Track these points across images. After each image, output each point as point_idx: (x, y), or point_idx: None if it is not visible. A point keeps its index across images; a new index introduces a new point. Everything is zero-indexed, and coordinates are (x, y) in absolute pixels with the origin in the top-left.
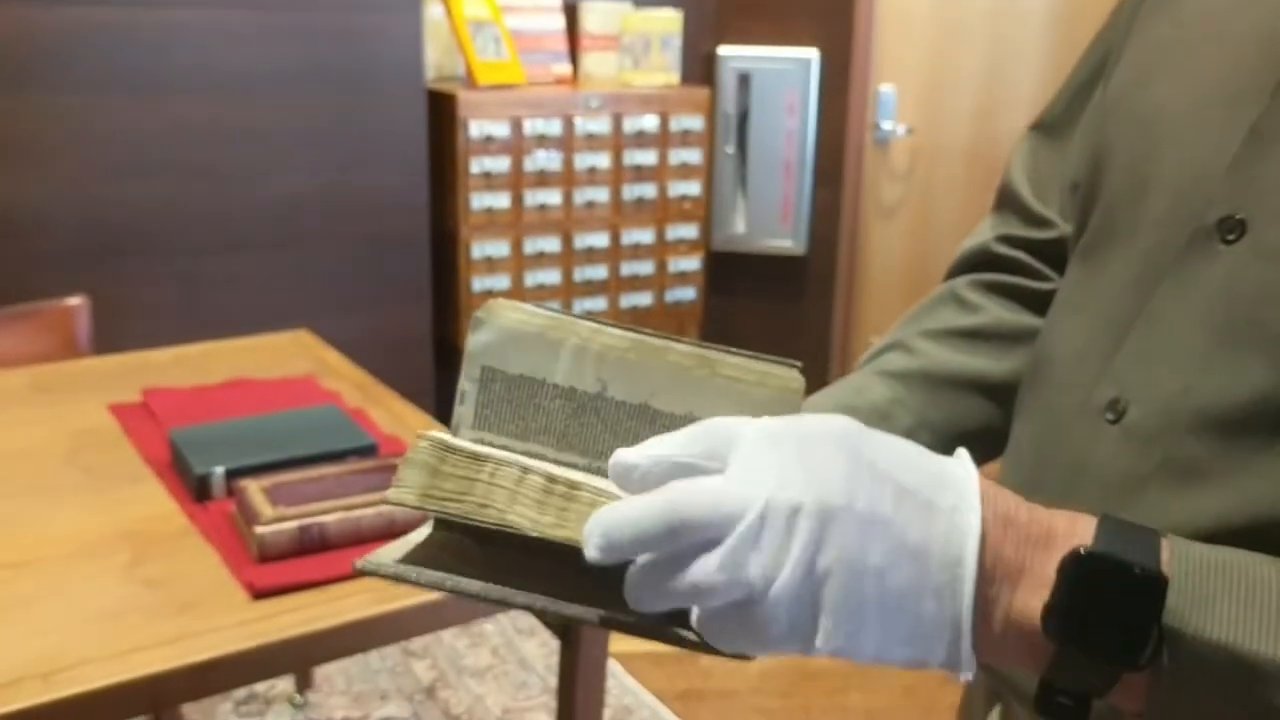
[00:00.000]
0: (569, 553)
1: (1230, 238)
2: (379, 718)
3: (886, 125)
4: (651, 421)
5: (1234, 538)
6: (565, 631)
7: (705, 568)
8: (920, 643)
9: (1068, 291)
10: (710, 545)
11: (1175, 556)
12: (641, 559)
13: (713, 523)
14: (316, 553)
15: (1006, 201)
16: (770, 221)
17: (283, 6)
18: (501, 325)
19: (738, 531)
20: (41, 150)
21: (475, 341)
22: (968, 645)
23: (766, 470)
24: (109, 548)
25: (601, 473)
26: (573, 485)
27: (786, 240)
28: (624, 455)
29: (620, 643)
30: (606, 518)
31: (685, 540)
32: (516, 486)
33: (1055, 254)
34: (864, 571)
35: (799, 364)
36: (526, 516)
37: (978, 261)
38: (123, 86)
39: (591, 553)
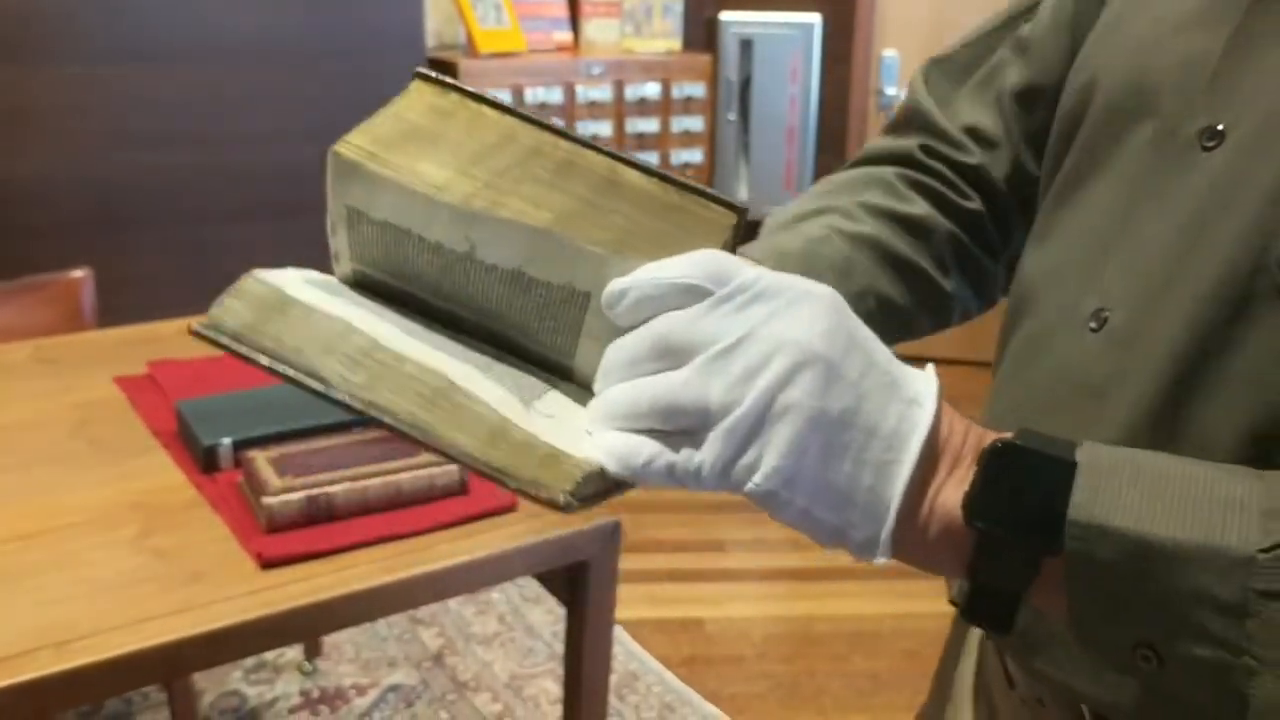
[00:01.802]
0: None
1: (1210, 145)
2: (387, 685)
3: (890, 91)
4: (527, 289)
5: (1215, 428)
6: (572, 599)
7: (669, 381)
8: (846, 511)
9: (1047, 225)
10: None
11: (1082, 453)
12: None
13: (695, 345)
14: (324, 523)
15: (916, 124)
16: (773, 188)
17: None
18: (361, 172)
19: (710, 351)
20: (43, 121)
21: (333, 179)
22: (889, 529)
23: (755, 306)
24: (118, 519)
25: (483, 328)
26: (400, 357)
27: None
28: (616, 283)
29: (626, 610)
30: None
31: (665, 363)
32: (336, 340)
33: (975, 179)
34: (819, 420)
35: (740, 204)
36: (336, 372)
37: (900, 161)
38: (125, 55)
39: (599, 383)
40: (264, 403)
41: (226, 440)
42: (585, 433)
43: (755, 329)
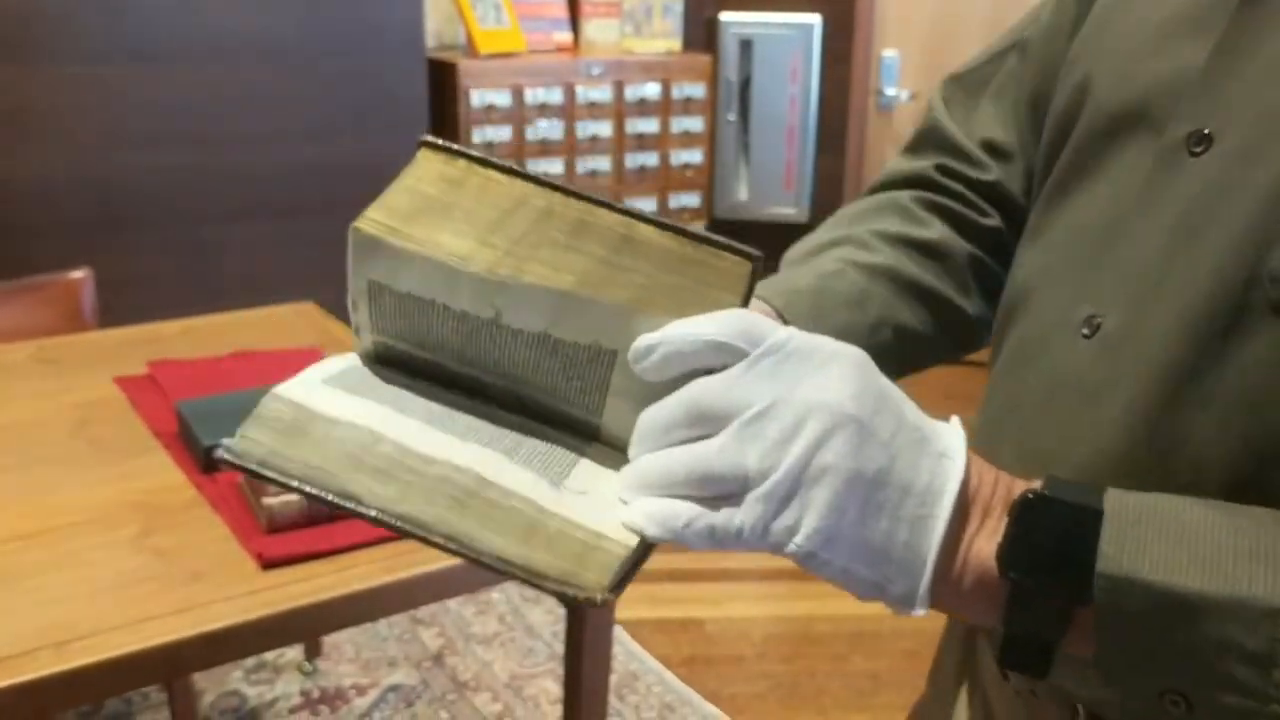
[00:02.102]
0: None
1: (1198, 150)
2: (387, 685)
3: (890, 91)
4: (553, 352)
5: (1209, 443)
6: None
7: (705, 450)
8: (884, 567)
9: (1039, 229)
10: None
11: (1108, 502)
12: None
13: (729, 411)
14: (324, 523)
15: (933, 142)
16: (773, 189)
17: None
18: (383, 247)
19: (745, 416)
20: (43, 121)
21: (355, 256)
22: (926, 582)
23: (785, 369)
24: (118, 519)
25: (508, 391)
26: (428, 459)
27: (789, 208)
28: (644, 339)
29: (626, 610)
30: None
31: (700, 430)
32: (363, 453)
33: (993, 195)
34: (855, 481)
35: (754, 253)
36: (367, 488)
37: (916, 184)
38: (125, 55)
39: (631, 449)
40: None
41: (227, 440)
42: (620, 501)
43: (787, 393)
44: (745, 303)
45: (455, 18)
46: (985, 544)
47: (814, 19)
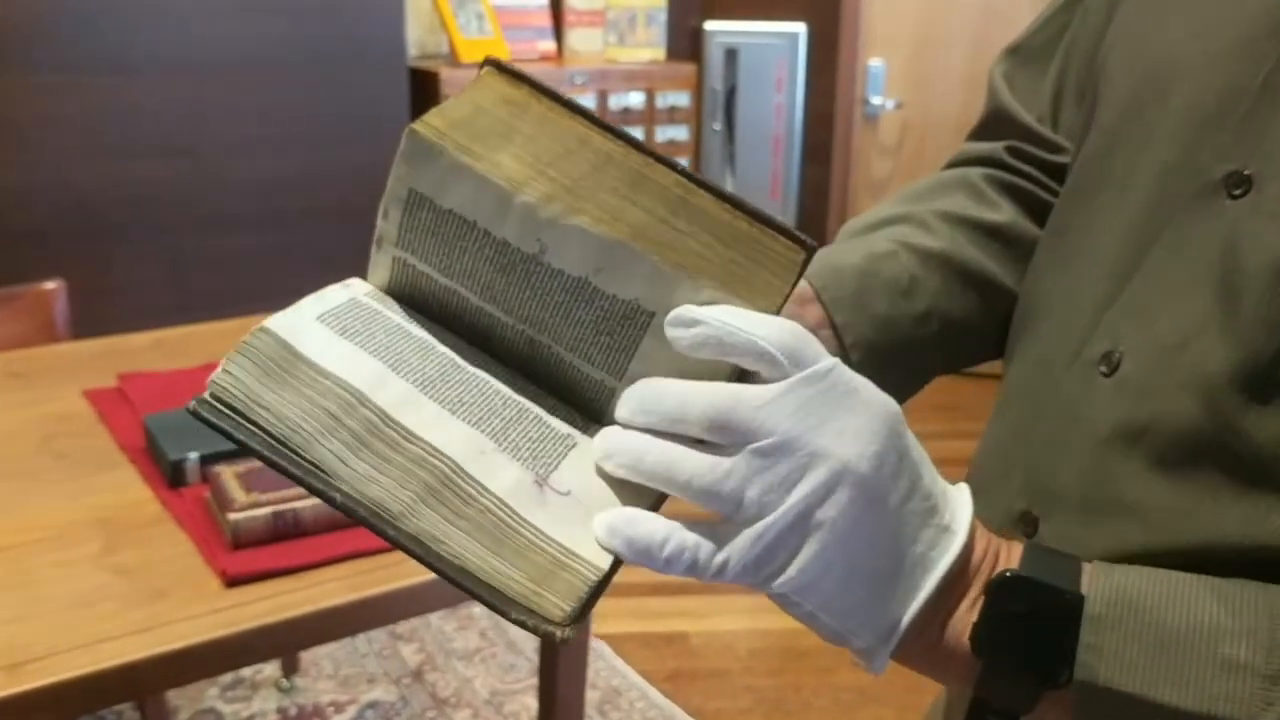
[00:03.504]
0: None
1: (1236, 193)
2: (366, 702)
3: (876, 100)
4: (589, 301)
5: (1225, 517)
6: None
7: (713, 469)
8: (854, 621)
9: (1057, 236)
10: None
11: (1089, 596)
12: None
13: (748, 435)
14: (291, 539)
15: (1001, 126)
16: (759, 198)
17: None
18: (439, 156)
19: (759, 445)
20: (17, 130)
21: (406, 160)
22: (891, 647)
23: (816, 406)
24: (81, 535)
25: (522, 341)
26: (408, 435)
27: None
28: (689, 310)
29: (609, 624)
30: (658, 381)
31: (711, 437)
32: (343, 415)
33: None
34: (848, 543)
35: (811, 243)
36: (335, 459)
37: (987, 163)
38: (100, 65)
39: (624, 412)
40: None
41: (193, 455)
42: (600, 508)
43: (808, 433)
44: (792, 291)
45: (438, 27)
46: (964, 617)
47: (799, 28)
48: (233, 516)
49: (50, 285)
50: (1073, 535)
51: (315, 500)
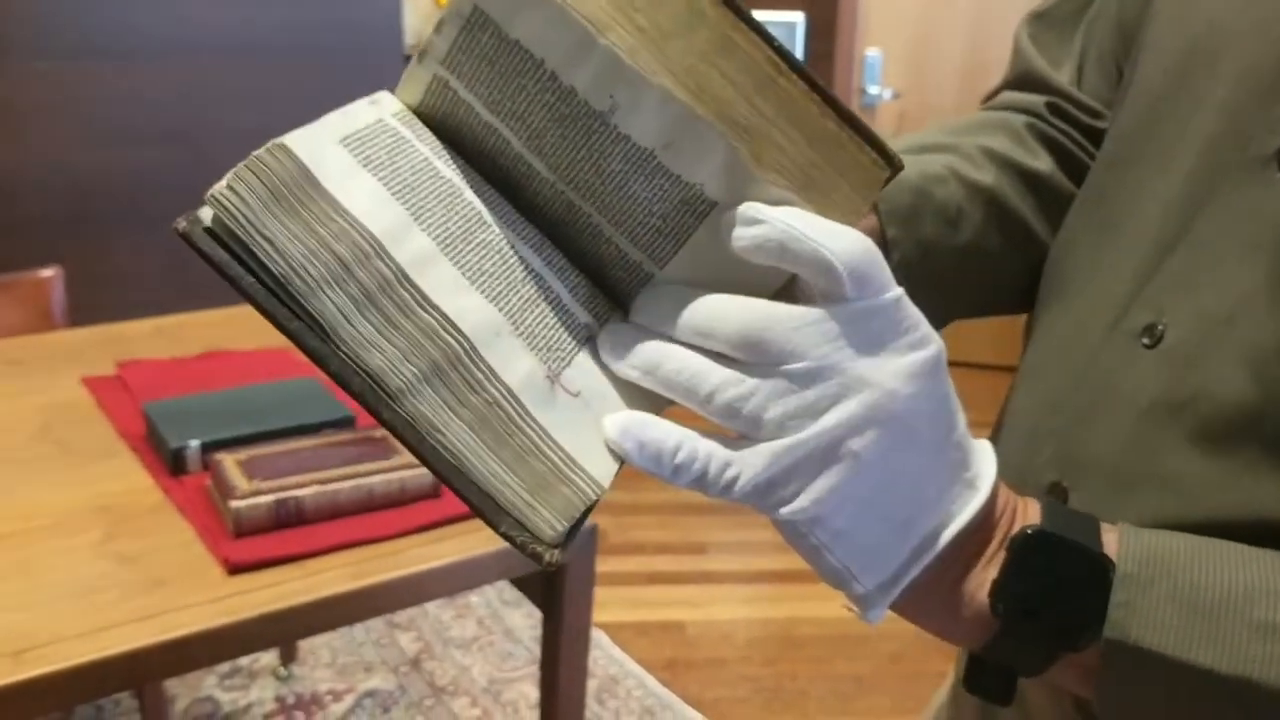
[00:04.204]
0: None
1: None
2: (364, 690)
3: (873, 90)
4: (649, 176)
5: (1256, 471)
6: (549, 604)
7: (738, 381)
8: (860, 564)
9: (1094, 205)
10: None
11: (1120, 554)
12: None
13: (782, 355)
14: (293, 527)
15: (1036, 87)
16: None
17: None
18: None
19: (792, 368)
20: (14, 117)
21: None
22: (891, 597)
23: (864, 329)
24: (82, 523)
25: (563, 198)
26: (423, 301)
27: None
28: (754, 208)
29: (607, 613)
30: (688, 291)
31: (741, 354)
32: (356, 264)
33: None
34: (873, 479)
35: (899, 160)
36: (338, 314)
37: (1028, 112)
38: (98, 52)
39: (645, 318)
40: (234, 404)
41: (194, 443)
42: (605, 420)
43: (847, 361)
44: (866, 211)
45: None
46: (980, 574)
47: (797, 17)
48: (234, 504)
49: (47, 273)
50: (1104, 506)
51: (317, 488)
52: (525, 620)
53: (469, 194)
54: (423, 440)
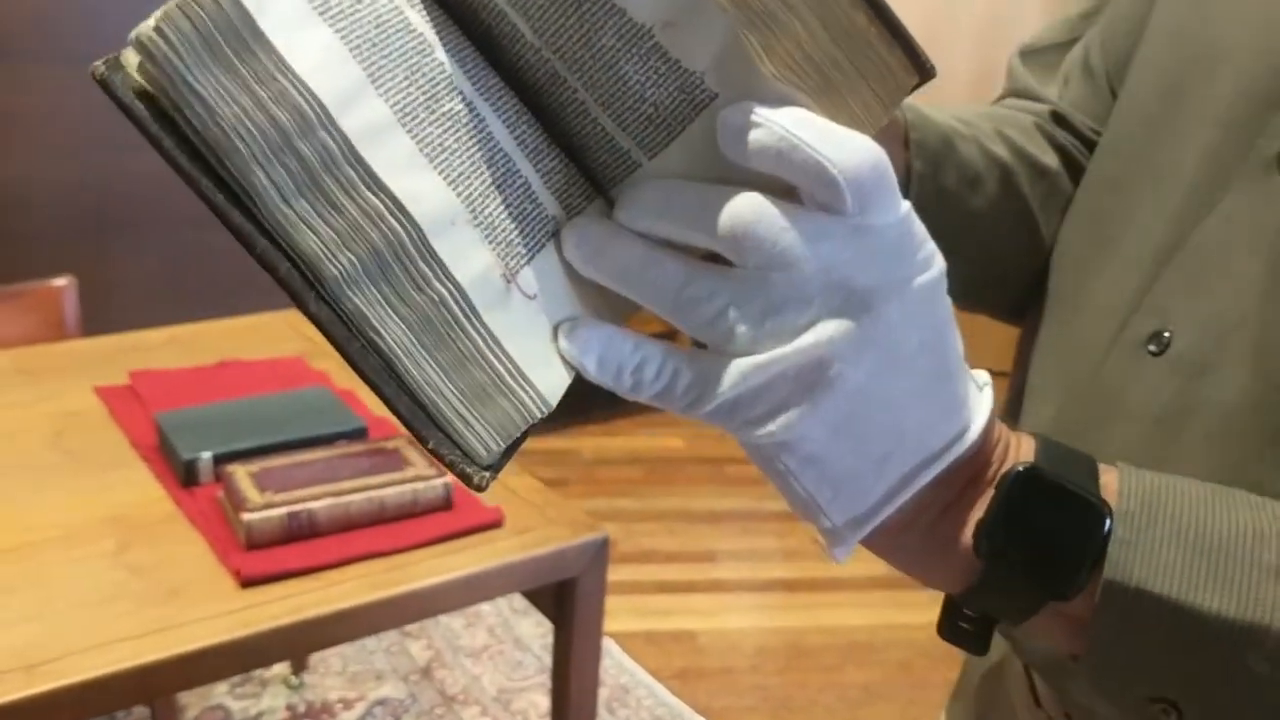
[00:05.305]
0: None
1: None
2: (375, 698)
3: None
4: (644, 57)
5: (1264, 465)
6: (560, 616)
7: (708, 277)
8: (830, 494)
9: (1093, 223)
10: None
11: (1120, 492)
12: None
13: (768, 259)
14: (305, 539)
15: (1031, 100)
16: None
17: None
18: None
19: (775, 277)
20: (26, 123)
21: None
22: (862, 534)
23: (866, 244)
24: (94, 534)
25: (548, 66)
26: (369, 179)
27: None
28: (754, 109)
29: (617, 622)
30: (669, 182)
31: (722, 249)
32: (297, 133)
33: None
34: (856, 405)
35: (931, 67)
36: (271, 188)
37: (1035, 114)
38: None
39: (622, 214)
40: (247, 415)
41: (206, 454)
42: (561, 326)
43: (841, 270)
44: (886, 120)
45: None
46: (966, 511)
47: None
48: (247, 517)
49: (60, 282)
50: None
51: (330, 500)
52: (536, 629)
53: (440, 52)
54: (349, 339)
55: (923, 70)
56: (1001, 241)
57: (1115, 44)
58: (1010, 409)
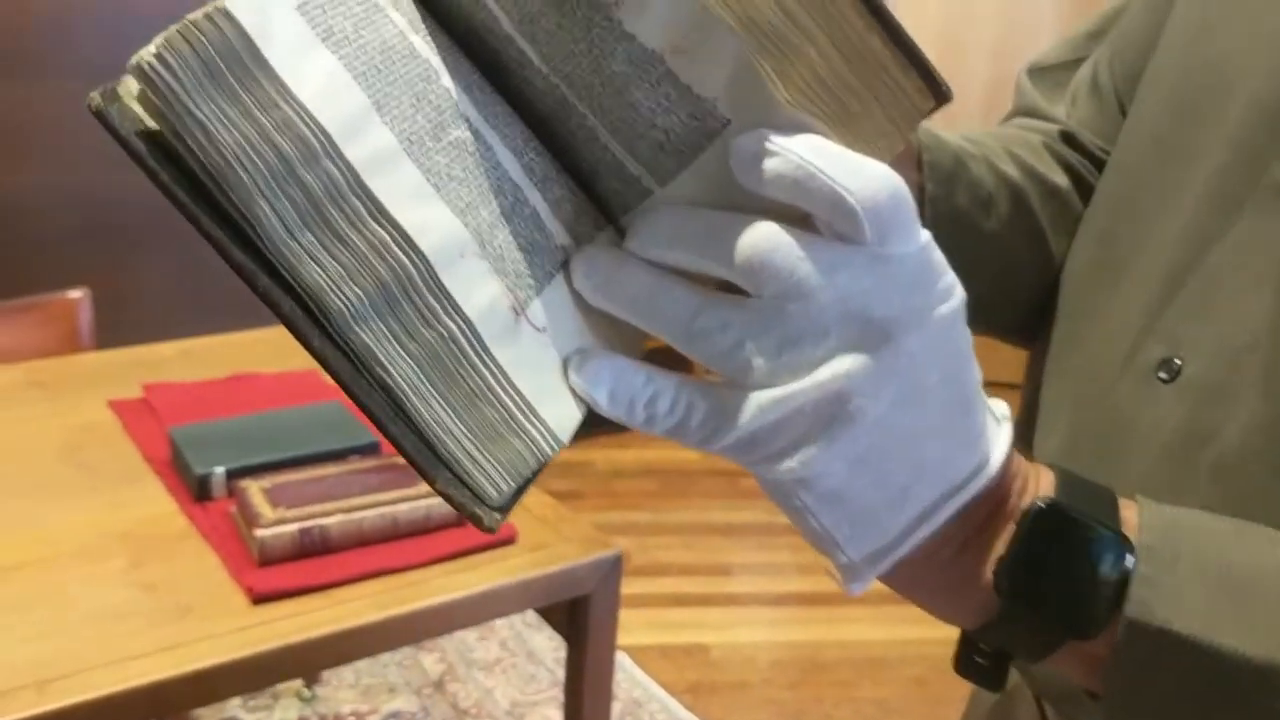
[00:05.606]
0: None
1: None
2: (388, 711)
3: None
4: (655, 84)
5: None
6: (573, 632)
7: (730, 315)
8: (847, 531)
9: (1103, 245)
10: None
11: (1141, 528)
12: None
13: (785, 288)
14: (318, 555)
15: (1040, 119)
16: None
17: None
18: None
19: (793, 307)
20: (41, 137)
21: None
22: (879, 570)
23: (886, 274)
24: (107, 549)
25: (557, 92)
26: (376, 210)
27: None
28: (770, 137)
29: (630, 635)
30: (683, 208)
31: (739, 280)
32: (301, 164)
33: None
34: (875, 440)
35: (945, 89)
36: (275, 220)
37: (1044, 134)
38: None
39: (634, 242)
40: (260, 429)
41: (219, 469)
42: (571, 360)
43: (863, 307)
44: (902, 147)
45: None
46: (987, 546)
47: None
48: (259, 533)
49: (75, 294)
50: None
51: (342, 516)
52: (549, 643)
53: (446, 79)
54: (355, 378)
55: (939, 94)
56: (1013, 261)
57: (1125, 62)
58: (1021, 431)
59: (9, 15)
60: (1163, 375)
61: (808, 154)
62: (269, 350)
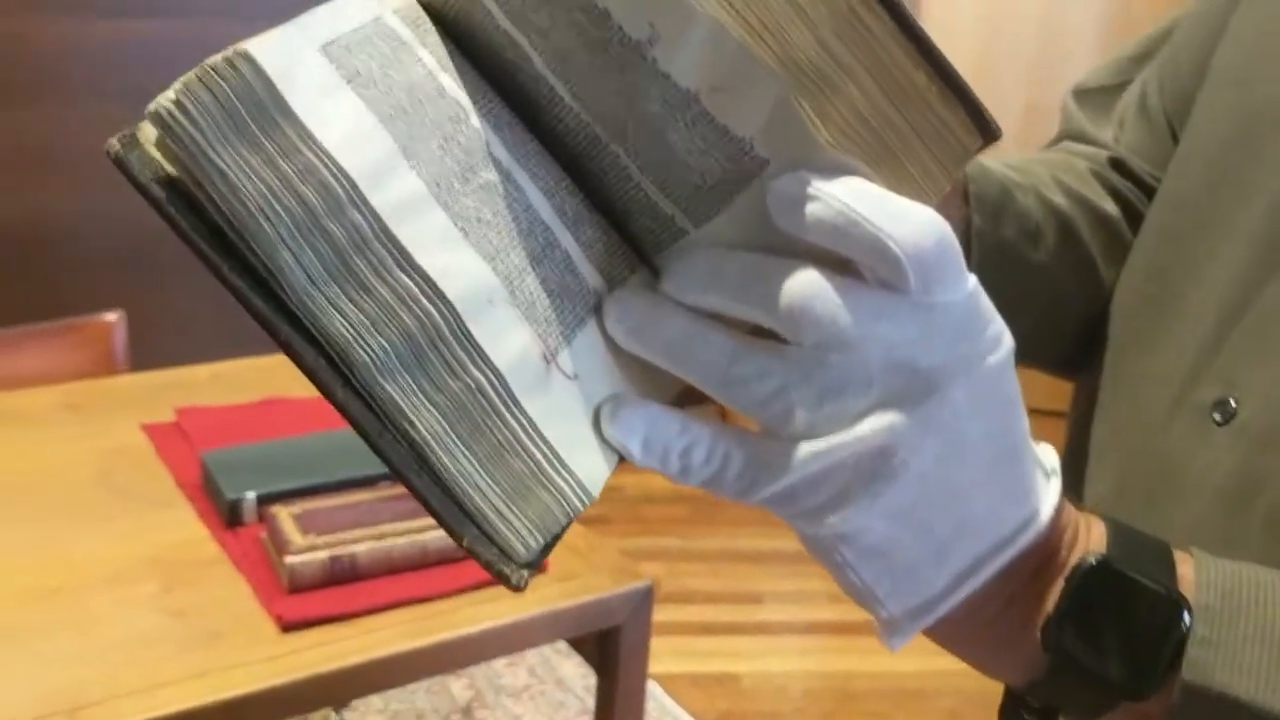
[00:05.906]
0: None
1: None
2: None
3: None
4: (690, 124)
5: None
6: (604, 663)
7: (770, 363)
8: (888, 586)
9: (1153, 280)
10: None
11: (1197, 586)
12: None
13: (825, 337)
14: (347, 582)
15: (1088, 144)
16: None
17: None
18: None
19: (835, 358)
20: (79, 161)
21: None
22: (923, 625)
23: (931, 322)
24: (138, 575)
25: (588, 131)
26: (402, 259)
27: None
28: (810, 181)
29: (660, 663)
30: (720, 251)
31: (779, 328)
32: (327, 213)
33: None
34: (920, 494)
35: (994, 128)
36: (299, 269)
37: (1093, 160)
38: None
39: (670, 285)
40: (290, 454)
41: (250, 494)
42: (603, 408)
43: (908, 357)
44: (948, 188)
45: None
46: (1035, 602)
47: None
48: (289, 560)
49: (110, 316)
50: None
51: (372, 544)
52: (577, 670)
53: (475, 119)
54: (381, 431)
55: (987, 132)
56: (1062, 293)
57: (1176, 85)
58: (1069, 468)
59: (52, 43)
60: (1217, 417)
61: (849, 198)
62: (298, 375)
